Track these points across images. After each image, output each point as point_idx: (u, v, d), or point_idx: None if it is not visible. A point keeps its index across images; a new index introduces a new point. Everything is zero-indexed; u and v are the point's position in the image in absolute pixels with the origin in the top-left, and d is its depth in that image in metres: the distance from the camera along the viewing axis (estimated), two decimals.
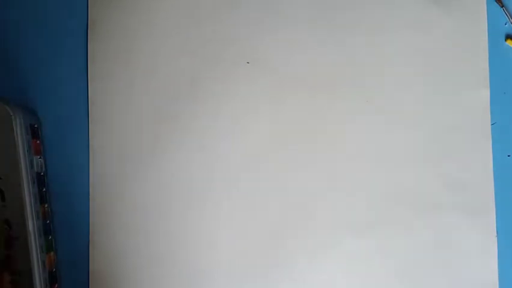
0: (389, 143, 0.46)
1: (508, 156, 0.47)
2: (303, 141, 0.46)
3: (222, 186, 0.46)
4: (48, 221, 0.44)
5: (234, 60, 0.47)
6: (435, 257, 0.46)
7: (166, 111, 0.47)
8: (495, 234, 0.46)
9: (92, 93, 0.47)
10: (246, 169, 0.46)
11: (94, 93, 0.46)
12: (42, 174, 0.45)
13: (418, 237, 0.46)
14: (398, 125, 0.47)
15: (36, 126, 0.45)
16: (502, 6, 0.47)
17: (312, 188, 0.46)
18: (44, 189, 0.44)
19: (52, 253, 0.45)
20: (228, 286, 0.46)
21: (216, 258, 0.46)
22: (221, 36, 0.47)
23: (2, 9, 0.47)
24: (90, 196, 0.46)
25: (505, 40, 0.47)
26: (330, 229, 0.46)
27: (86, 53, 0.47)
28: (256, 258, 0.46)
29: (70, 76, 0.47)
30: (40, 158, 0.45)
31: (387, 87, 0.47)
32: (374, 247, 0.46)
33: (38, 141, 0.45)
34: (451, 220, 0.46)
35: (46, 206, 0.45)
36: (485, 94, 0.47)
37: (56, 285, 0.44)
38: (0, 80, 0.46)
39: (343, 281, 0.46)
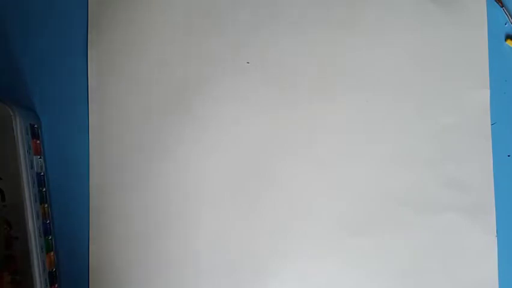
0: (389, 143, 0.46)
1: (508, 156, 0.47)
2: (303, 141, 0.46)
3: (222, 187, 0.46)
4: (48, 221, 0.44)
5: (234, 60, 0.47)
6: (435, 256, 0.46)
7: (165, 111, 0.47)
8: (495, 234, 0.46)
9: (92, 94, 0.47)
10: (246, 170, 0.46)
11: (94, 94, 0.47)
12: (42, 174, 0.45)
13: (418, 237, 0.46)
14: (398, 125, 0.47)
15: (36, 126, 0.45)
16: (502, 6, 0.47)
17: (312, 188, 0.46)
18: (44, 189, 0.44)
19: (52, 253, 0.45)
20: (226, 286, 0.46)
21: (217, 259, 0.46)
22: (221, 36, 0.47)
23: (2, 9, 0.47)
24: (90, 196, 0.46)
25: (505, 40, 0.47)
26: (330, 229, 0.46)
27: (86, 53, 0.47)
28: (256, 259, 0.46)
29: (70, 76, 0.47)
30: (40, 158, 0.45)
31: (387, 87, 0.47)
32: (373, 247, 0.46)
33: (38, 141, 0.45)
34: (451, 220, 0.46)
35: (46, 206, 0.45)
36: (485, 94, 0.47)
37: (56, 285, 0.44)
38: (0, 80, 0.46)
39: (343, 281, 0.46)
